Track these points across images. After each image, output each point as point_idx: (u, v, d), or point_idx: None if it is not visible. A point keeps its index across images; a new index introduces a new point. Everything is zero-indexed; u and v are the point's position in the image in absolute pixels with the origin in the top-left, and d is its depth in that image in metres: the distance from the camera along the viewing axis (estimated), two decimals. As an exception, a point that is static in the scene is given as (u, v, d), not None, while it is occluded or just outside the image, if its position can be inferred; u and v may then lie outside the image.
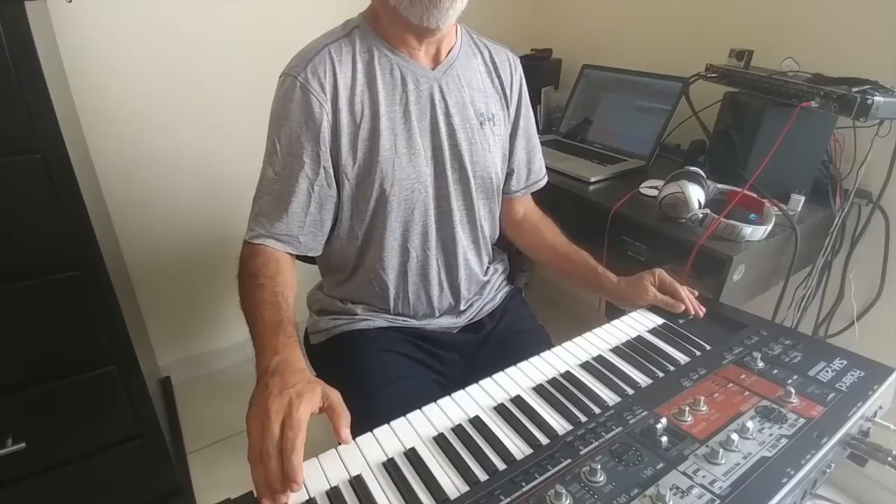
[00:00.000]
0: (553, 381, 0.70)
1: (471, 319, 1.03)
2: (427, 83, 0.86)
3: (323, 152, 0.82)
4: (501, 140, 0.97)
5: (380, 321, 0.96)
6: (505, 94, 0.97)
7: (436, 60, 0.88)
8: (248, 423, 0.57)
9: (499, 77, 0.96)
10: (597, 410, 0.64)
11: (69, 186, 0.93)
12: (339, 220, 0.90)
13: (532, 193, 1.09)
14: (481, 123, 0.92)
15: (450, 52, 0.90)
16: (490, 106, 0.94)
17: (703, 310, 0.85)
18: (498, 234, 1.07)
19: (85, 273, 0.99)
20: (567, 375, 0.71)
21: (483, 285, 1.04)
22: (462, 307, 1.01)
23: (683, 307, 0.84)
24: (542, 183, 1.09)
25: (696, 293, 0.88)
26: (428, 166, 0.89)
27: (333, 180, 0.85)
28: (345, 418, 0.59)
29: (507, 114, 0.98)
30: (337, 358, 0.94)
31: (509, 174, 1.03)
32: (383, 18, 0.84)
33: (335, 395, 0.61)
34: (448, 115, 0.88)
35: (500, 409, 0.65)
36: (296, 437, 0.53)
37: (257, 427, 0.55)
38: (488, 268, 1.06)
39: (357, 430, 0.62)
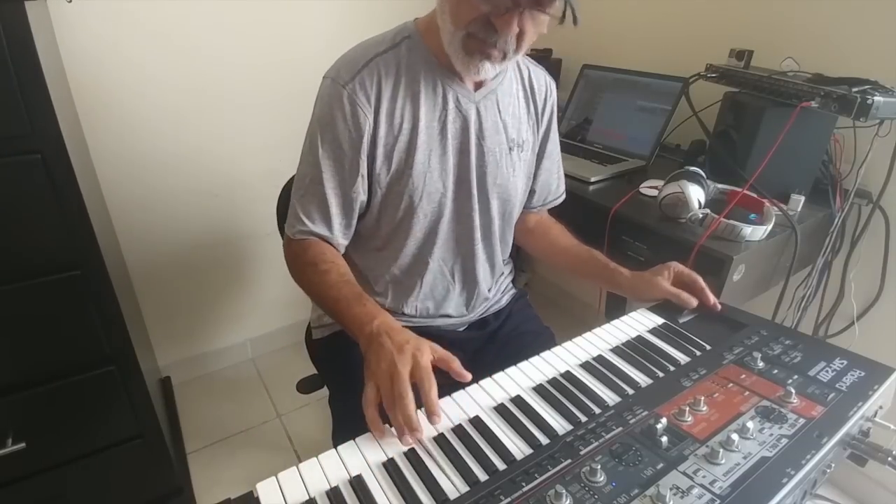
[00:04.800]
0: (553, 381, 0.70)
1: (478, 316, 1.04)
2: (467, 104, 0.88)
3: (362, 161, 0.84)
4: (527, 164, 0.99)
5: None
6: (538, 118, 0.99)
7: (479, 83, 0.89)
8: (376, 375, 0.64)
9: (534, 101, 0.98)
10: (597, 410, 0.64)
11: (69, 186, 0.93)
12: (363, 223, 0.93)
13: None
14: (510, 149, 0.94)
15: (495, 76, 0.90)
16: (521, 132, 0.96)
17: (719, 306, 0.85)
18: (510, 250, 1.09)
19: (85, 273, 0.99)
20: (567, 375, 0.71)
21: (492, 281, 1.06)
22: (469, 313, 1.03)
23: (696, 302, 0.84)
24: (560, 199, 1.12)
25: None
26: (454, 183, 0.91)
27: (367, 187, 0.88)
28: (455, 360, 0.67)
29: (536, 139, 1.00)
30: (338, 353, 0.95)
31: (530, 193, 1.06)
32: (440, 41, 0.82)
33: (438, 347, 0.68)
34: (481, 138, 0.90)
35: (500, 409, 0.65)
36: (430, 379, 0.63)
37: (387, 378, 0.63)
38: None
39: (356, 428, 0.63)
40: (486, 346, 1.03)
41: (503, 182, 0.94)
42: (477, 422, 0.63)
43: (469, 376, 0.66)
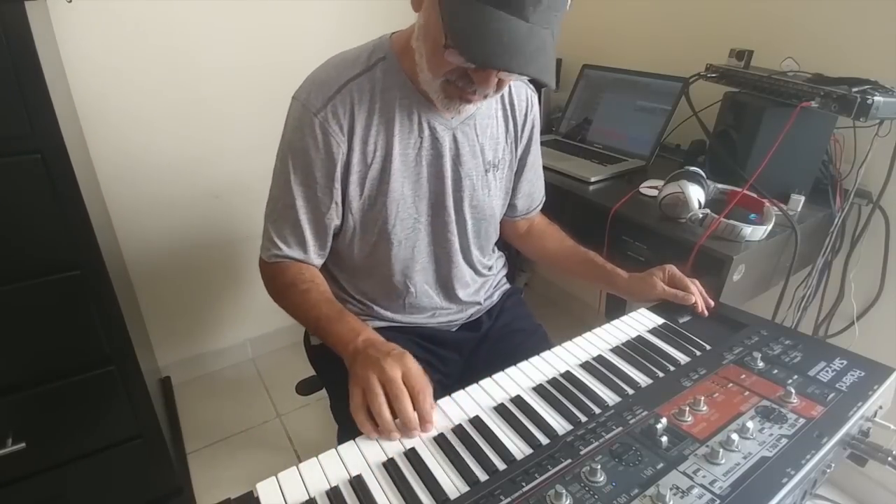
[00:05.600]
0: (553, 381, 0.70)
1: (470, 317, 1.04)
2: (443, 131, 0.86)
3: (336, 189, 0.83)
4: (504, 182, 0.99)
5: (379, 321, 0.97)
6: (517, 135, 0.97)
7: None
8: (362, 380, 0.64)
9: (514, 118, 0.96)
10: (597, 410, 0.64)
11: (69, 186, 0.93)
12: (339, 241, 0.92)
13: None
14: (486, 170, 0.93)
15: None
16: (498, 152, 0.95)
17: (712, 303, 0.86)
18: (494, 259, 1.09)
19: (85, 273, 0.99)
20: (567, 375, 0.71)
21: (481, 285, 1.05)
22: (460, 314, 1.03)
23: (693, 300, 0.84)
24: (541, 205, 1.12)
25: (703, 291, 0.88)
26: (429, 208, 0.90)
27: (341, 212, 0.87)
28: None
29: (514, 155, 0.99)
30: (336, 358, 0.94)
31: (512, 205, 1.05)
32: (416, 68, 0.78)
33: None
34: (458, 163, 0.89)
35: (500, 409, 0.65)
36: (425, 385, 0.63)
37: (376, 387, 0.62)
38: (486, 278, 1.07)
39: (356, 431, 0.63)
40: (479, 346, 1.03)
41: (479, 203, 0.94)
42: (477, 422, 0.63)
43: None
